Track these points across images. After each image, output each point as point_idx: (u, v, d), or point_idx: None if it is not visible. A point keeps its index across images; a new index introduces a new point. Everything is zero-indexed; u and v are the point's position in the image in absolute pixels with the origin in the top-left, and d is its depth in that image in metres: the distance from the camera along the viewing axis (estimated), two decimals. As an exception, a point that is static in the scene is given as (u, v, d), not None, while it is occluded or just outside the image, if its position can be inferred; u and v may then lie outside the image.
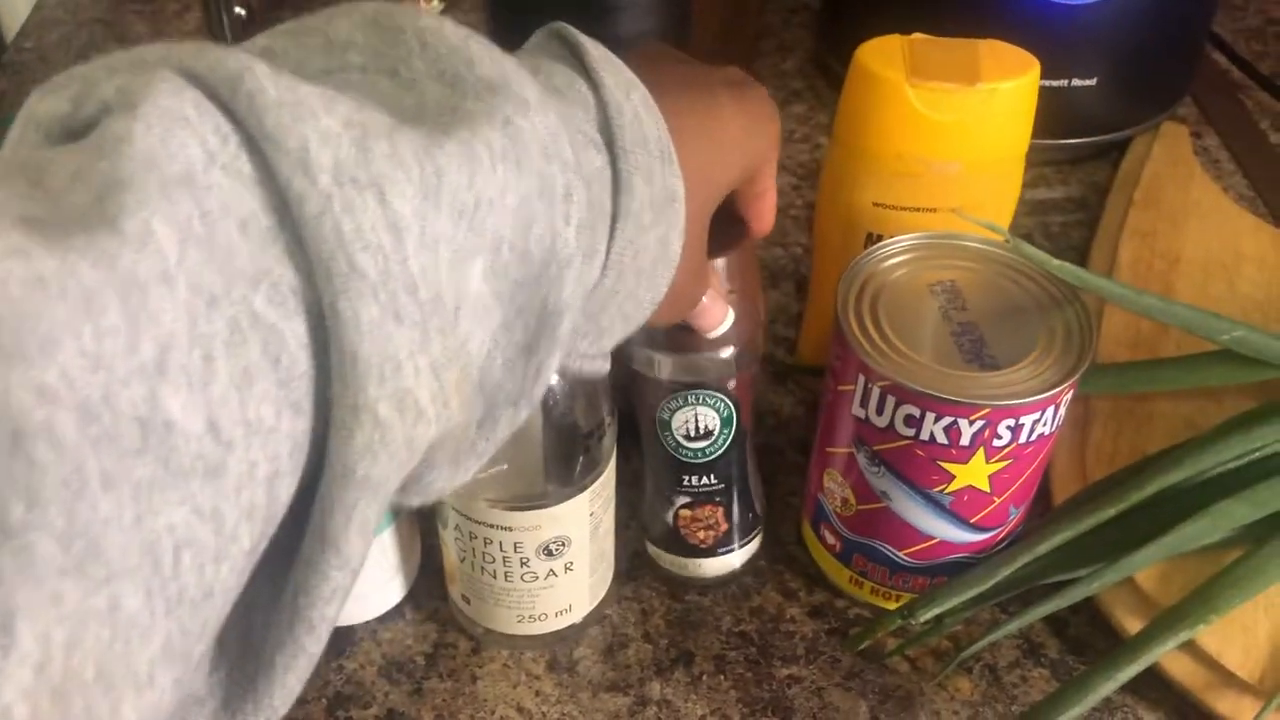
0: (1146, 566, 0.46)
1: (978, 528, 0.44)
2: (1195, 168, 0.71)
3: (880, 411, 0.42)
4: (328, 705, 0.45)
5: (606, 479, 0.43)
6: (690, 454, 0.45)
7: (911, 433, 0.41)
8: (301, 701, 0.45)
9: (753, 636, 0.48)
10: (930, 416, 0.40)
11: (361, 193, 0.22)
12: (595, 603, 0.47)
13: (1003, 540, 0.46)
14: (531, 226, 0.25)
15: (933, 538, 0.45)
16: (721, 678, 0.46)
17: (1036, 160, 0.72)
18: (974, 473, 0.42)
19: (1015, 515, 0.45)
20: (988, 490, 0.43)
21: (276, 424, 0.22)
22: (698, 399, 0.44)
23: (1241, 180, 0.74)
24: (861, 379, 0.42)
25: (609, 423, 0.42)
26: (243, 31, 0.78)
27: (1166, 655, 0.44)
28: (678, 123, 0.31)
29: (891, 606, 0.47)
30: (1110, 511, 0.45)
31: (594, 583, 0.46)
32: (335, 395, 0.22)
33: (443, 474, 0.27)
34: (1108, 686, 0.42)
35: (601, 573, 0.47)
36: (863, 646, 0.46)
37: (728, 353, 0.43)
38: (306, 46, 0.26)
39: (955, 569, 0.46)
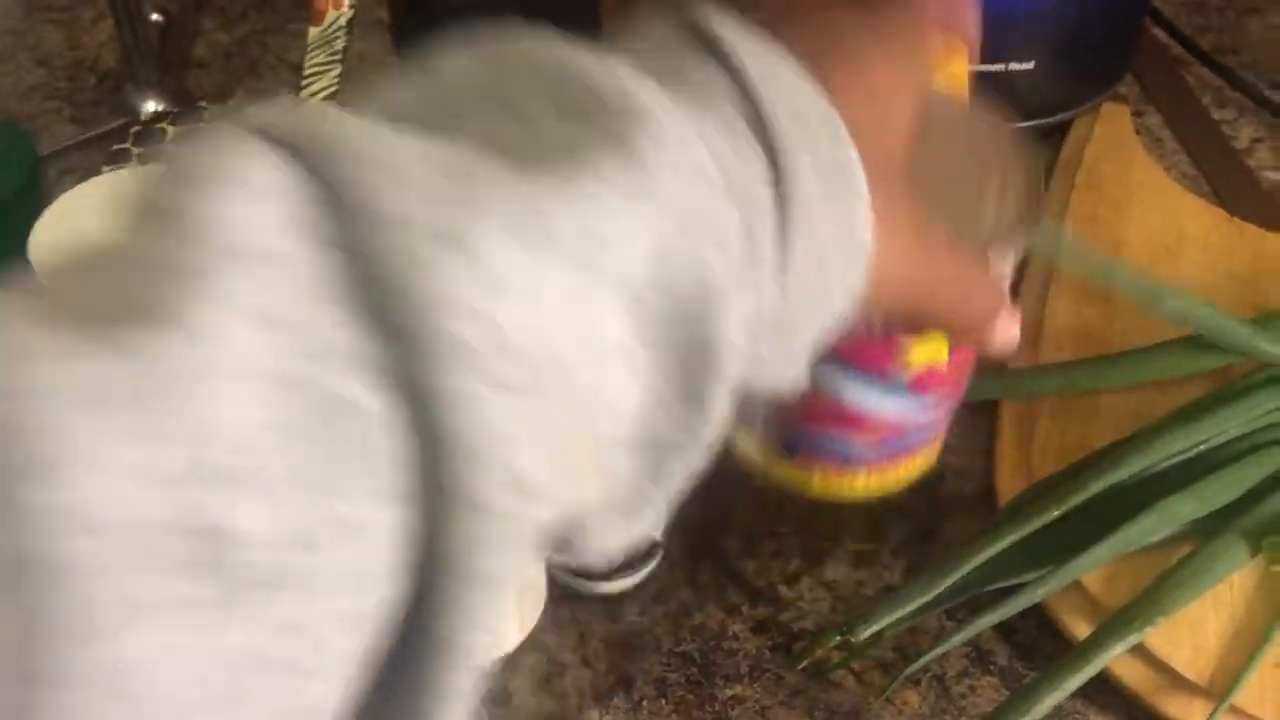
0: (1093, 569, 0.45)
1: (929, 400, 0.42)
2: (1137, 149, 0.70)
3: None
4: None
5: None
6: None
7: None
8: None
9: (694, 656, 0.46)
10: None
11: (447, 250, 0.20)
12: (525, 634, 0.45)
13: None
14: (672, 262, 0.23)
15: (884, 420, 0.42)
16: (663, 701, 0.45)
17: (978, 146, 0.71)
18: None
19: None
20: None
21: (374, 516, 0.19)
22: None
23: (1184, 159, 0.73)
24: None
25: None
26: (160, 40, 0.76)
27: (1116, 659, 0.43)
28: (831, 82, 0.27)
29: (845, 490, 0.45)
30: (1054, 513, 0.44)
31: (523, 615, 0.45)
32: (435, 480, 0.20)
33: (615, 533, 0.25)
34: (1056, 695, 0.42)
35: (532, 601, 0.45)
36: (805, 663, 0.45)
37: None
38: (416, 86, 0.24)
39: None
